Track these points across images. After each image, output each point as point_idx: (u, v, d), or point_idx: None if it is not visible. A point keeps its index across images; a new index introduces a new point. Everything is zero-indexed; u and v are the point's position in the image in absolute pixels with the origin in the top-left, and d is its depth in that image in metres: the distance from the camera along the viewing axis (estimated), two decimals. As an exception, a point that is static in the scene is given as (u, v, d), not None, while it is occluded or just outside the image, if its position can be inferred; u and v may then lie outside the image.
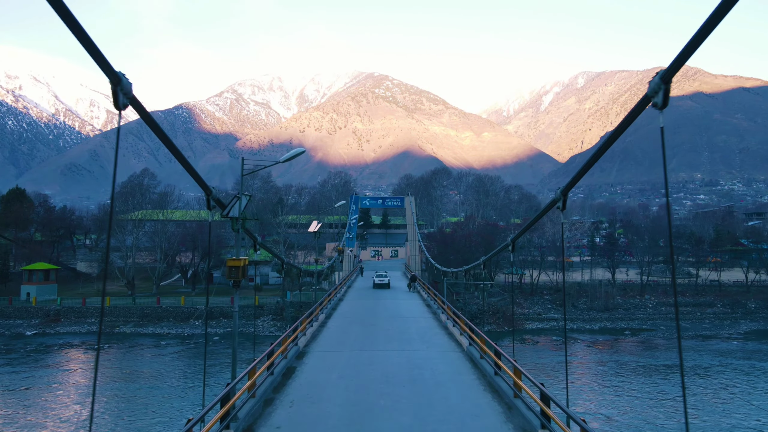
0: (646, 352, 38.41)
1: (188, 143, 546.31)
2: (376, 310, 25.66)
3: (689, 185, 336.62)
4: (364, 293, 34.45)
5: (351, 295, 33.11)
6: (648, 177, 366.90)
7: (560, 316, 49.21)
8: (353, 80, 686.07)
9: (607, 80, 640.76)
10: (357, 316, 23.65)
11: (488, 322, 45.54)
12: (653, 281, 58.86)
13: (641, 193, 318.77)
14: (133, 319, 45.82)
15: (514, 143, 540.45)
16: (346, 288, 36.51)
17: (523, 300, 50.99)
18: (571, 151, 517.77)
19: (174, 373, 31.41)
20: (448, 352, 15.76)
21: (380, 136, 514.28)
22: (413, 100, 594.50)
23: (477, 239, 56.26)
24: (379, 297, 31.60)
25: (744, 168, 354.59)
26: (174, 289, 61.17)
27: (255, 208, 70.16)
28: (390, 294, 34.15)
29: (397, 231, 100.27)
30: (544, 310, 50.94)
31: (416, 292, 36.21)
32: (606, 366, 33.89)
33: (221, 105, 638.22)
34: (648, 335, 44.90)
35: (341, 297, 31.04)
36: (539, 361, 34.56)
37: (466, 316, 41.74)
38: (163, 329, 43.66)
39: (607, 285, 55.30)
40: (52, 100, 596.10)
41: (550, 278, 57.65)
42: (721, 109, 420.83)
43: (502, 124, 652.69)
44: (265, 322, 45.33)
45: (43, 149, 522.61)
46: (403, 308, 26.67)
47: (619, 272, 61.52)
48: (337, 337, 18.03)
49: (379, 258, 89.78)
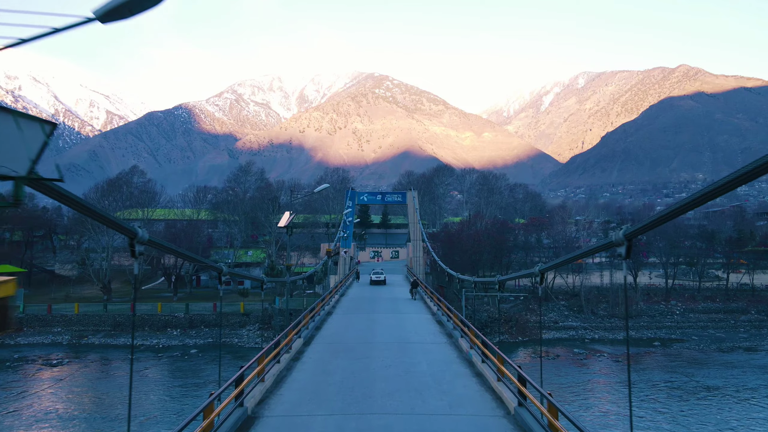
0: (683, 368, 33.63)
1: (188, 143, 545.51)
2: (372, 329, 19.95)
3: (691, 185, 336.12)
4: (358, 304, 28.95)
5: (342, 306, 27.88)
6: (649, 177, 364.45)
7: (579, 324, 44.53)
8: (353, 80, 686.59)
9: (607, 80, 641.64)
10: (347, 339, 17.97)
11: (500, 331, 40.73)
12: (678, 285, 53.81)
13: (643, 193, 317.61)
14: (105, 328, 41.10)
15: (514, 143, 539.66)
16: (338, 296, 31.37)
17: (536, 306, 46.16)
18: (571, 151, 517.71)
19: (142, 398, 26.57)
20: (485, 416, 9.77)
21: (380, 137, 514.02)
22: (413, 101, 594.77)
23: (486, 240, 51.20)
24: (377, 309, 26.26)
25: None
26: (157, 293, 56.48)
27: (248, 207, 65.58)
28: (389, 304, 28.72)
29: (397, 231, 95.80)
30: (560, 317, 46.18)
31: (420, 299, 31.00)
32: (641, 387, 29.04)
33: (221, 105, 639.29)
34: (680, 347, 40.06)
35: (330, 309, 25.85)
36: (565, 380, 29.81)
37: (475, 324, 37.02)
38: (137, 340, 38.88)
39: (629, 289, 49.99)
40: (52, 100, 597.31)
41: (565, 281, 52.59)
42: (722, 108, 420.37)
43: (503, 125, 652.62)
44: (251, 332, 40.63)
45: None
46: (408, 326, 20.97)
47: (641, 275, 56.28)
48: (313, 385, 11.97)
49: (379, 259, 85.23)
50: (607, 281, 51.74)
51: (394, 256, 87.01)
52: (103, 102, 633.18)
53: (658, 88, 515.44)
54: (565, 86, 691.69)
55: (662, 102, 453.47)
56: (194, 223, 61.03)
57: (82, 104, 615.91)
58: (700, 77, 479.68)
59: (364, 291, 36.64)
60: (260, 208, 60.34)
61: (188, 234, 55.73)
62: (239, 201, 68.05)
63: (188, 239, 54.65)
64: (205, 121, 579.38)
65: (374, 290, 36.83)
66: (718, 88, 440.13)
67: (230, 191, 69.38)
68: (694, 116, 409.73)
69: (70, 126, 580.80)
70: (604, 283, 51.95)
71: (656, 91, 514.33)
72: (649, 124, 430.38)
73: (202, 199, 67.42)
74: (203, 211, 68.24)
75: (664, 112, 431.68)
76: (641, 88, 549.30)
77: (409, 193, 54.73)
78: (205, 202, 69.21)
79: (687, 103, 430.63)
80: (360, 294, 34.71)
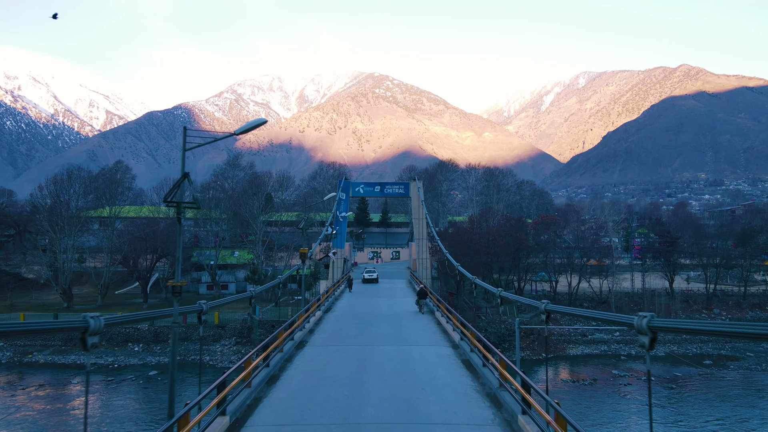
0: (751, 398, 27.13)
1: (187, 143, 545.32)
2: (361, 384, 11.87)
3: (693, 185, 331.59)
4: (346, 327, 20.37)
5: (324, 330, 19.47)
6: (651, 177, 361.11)
7: (611, 337, 38.15)
8: (353, 80, 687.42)
9: (608, 80, 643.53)
10: (323, 399, 10.73)
11: (520, 346, 34.38)
12: (719, 290, 47.09)
13: (645, 193, 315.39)
14: (55, 343, 34.75)
15: (515, 143, 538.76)
16: (320, 312, 23.48)
17: (559, 315, 39.91)
18: (572, 151, 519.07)
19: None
20: None
21: (380, 136, 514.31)
22: (413, 100, 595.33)
23: (503, 239, 44.09)
24: (372, 336, 18.02)
25: (749, 167, 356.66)
26: (129, 298, 50.19)
27: (231, 203, 59.21)
28: (390, 326, 20.43)
29: (398, 230, 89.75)
30: (588, 328, 39.77)
31: (427, 312, 24.38)
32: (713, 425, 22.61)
33: (221, 105, 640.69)
34: (739, 366, 33.56)
35: (305, 337, 18.00)
36: (607, 414, 23.35)
37: (491, 339, 30.42)
38: (90, 357, 32.41)
39: (664, 295, 43.61)
40: (51, 100, 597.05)
41: (590, 286, 45.82)
42: (724, 108, 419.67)
43: (503, 125, 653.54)
44: (226, 347, 34.21)
45: (42, 150, 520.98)
46: (420, 374, 12.86)
47: (665, 277, 49.50)
48: None
49: (378, 260, 78.85)
50: (638, 285, 45.33)
51: (394, 257, 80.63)
52: (103, 102, 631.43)
53: (659, 88, 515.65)
54: (565, 86, 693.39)
55: (664, 102, 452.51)
56: (172, 222, 54.73)
57: (81, 104, 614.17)
58: (702, 77, 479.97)
59: (356, 303, 28.82)
60: (243, 204, 53.72)
61: (166, 234, 49.39)
62: (227, 197, 61.64)
63: (164, 239, 48.30)
64: (204, 121, 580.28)
65: (370, 301, 29.38)
66: (720, 88, 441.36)
67: (217, 186, 62.74)
68: (696, 116, 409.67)
69: (69, 126, 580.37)
70: (635, 288, 45.52)
71: (657, 90, 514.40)
72: (650, 123, 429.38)
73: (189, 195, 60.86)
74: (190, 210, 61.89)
75: (665, 112, 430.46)
76: (642, 88, 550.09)
77: (412, 184, 45.81)
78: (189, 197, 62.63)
79: (689, 102, 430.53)
80: (351, 308, 26.48)
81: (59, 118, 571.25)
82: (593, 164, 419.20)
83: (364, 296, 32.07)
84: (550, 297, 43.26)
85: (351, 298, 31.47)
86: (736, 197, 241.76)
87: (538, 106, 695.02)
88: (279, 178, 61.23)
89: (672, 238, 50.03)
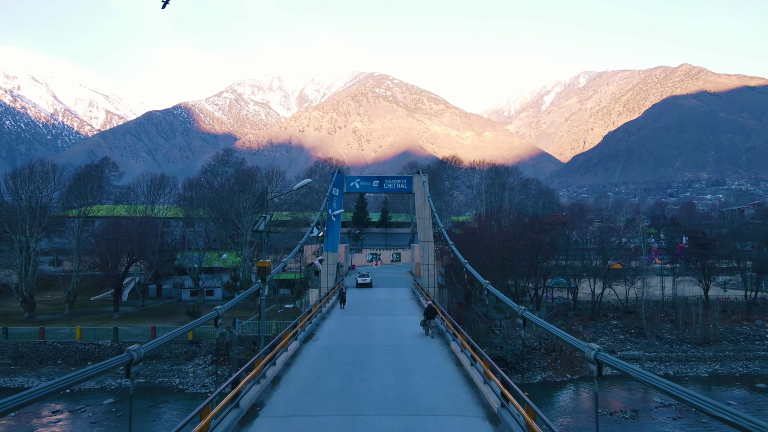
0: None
1: (187, 143, 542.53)
2: None
3: (695, 185, 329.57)
4: (331, 366, 14.87)
5: (296, 376, 13.63)
6: (653, 176, 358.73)
7: (643, 353, 33.38)
8: (353, 80, 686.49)
9: (608, 80, 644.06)
10: None
11: (541, 365, 29.72)
12: (759, 298, 41.92)
13: (647, 193, 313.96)
14: (3, 361, 29.89)
15: (515, 143, 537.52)
16: (298, 343, 17.35)
17: (581, 327, 35.25)
18: (573, 151, 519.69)
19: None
20: None
21: (380, 136, 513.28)
22: (414, 100, 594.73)
23: (519, 241, 38.49)
24: (363, 401, 11.63)
25: (751, 167, 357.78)
26: (102, 305, 45.48)
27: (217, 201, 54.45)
28: (391, 364, 15.11)
29: (399, 230, 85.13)
30: (614, 342, 35.22)
31: (437, 336, 19.18)
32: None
33: (220, 105, 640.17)
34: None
35: (277, 374, 13.29)
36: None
37: (507, 359, 25.60)
38: (32, 378, 27.45)
39: (698, 303, 38.53)
40: (51, 100, 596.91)
41: (614, 293, 40.47)
42: (726, 107, 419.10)
43: (503, 124, 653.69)
44: (200, 368, 29.43)
45: (41, 149, 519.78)
46: None
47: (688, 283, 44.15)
48: None
49: (378, 263, 74.04)
50: (669, 292, 40.28)
51: (395, 259, 75.86)
52: (103, 102, 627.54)
53: (660, 88, 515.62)
54: (566, 86, 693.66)
55: (665, 101, 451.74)
56: (151, 221, 49.85)
57: (81, 104, 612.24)
58: (703, 76, 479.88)
59: (347, 325, 22.46)
60: (227, 201, 48.90)
61: (142, 234, 44.59)
62: (215, 195, 56.88)
63: (141, 241, 43.50)
64: (204, 121, 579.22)
65: (365, 322, 23.18)
66: (721, 87, 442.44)
67: (205, 183, 57.96)
68: (697, 115, 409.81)
69: (69, 126, 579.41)
70: (666, 296, 40.56)
71: (658, 90, 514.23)
72: (651, 123, 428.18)
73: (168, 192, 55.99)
74: (171, 208, 57.17)
75: (666, 111, 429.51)
76: (643, 88, 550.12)
77: (416, 178, 39.18)
78: (173, 195, 57.98)
79: (690, 102, 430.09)
80: (339, 334, 20.08)
81: (59, 117, 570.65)
82: (594, 164, 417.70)
83: (359, 313, 26.09)
84: (570, 306, 38.60)
85: (342, 316, 25.31)
86: (740, 197, 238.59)
87: (538, 105, 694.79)
88: (269, 174, 56.43)
89: (706, 240, 45.09)
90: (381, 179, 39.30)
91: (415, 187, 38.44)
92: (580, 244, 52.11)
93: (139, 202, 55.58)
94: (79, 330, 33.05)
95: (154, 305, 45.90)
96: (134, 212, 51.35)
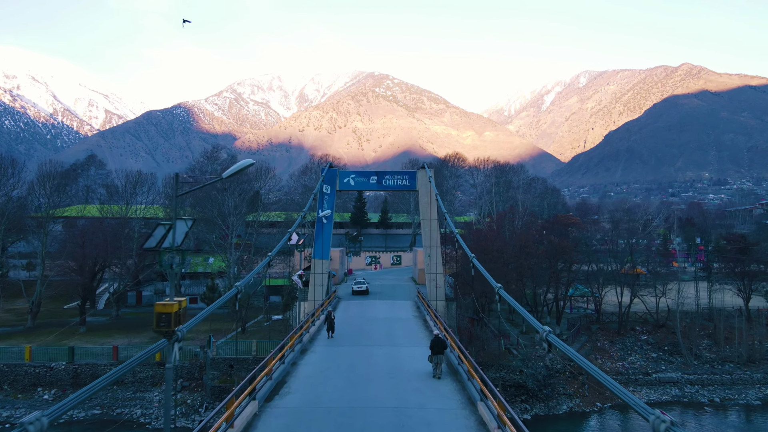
0: None
1: (186, 143, 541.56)
2: None
3: (697, 184, 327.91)
4: None
5: None
6: (654, 176, 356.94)
7: (681, 375, 29.00)
8: (353, 79, 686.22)
9: (609, 79, 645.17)
10: None
11: (566, 391, 25.41)
12: (801, 310, 37.41)
13: (649, 193, 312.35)
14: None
15: (516, 143, 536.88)
16: (256, 407, 12.16)
17: (607, 343, 31.00)
18: (573, 150, 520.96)
19: None
20: None
21: (380, 136, 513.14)
22: (414, 99, 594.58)
23: (537, 246, 33.69)
24: None
25: (753, 167, 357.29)
26: (73, 316, 40.97)
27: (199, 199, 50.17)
28: None
29: (399, 231, 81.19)
30: (646, 360, 30.80)
31: (451, 379, 14.74)
32: None
33: (220, 104, 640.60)
34: None
35: None
36: None
37: (528, 385, 21.28)
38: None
39: (739, 316, 33.86)
40: (51, 99, 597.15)
41: (643, 303, 35.64)
42: (727, 107, 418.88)
43: (504, 124, 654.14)
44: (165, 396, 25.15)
45: (41, 149, 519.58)
46: None
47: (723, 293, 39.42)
48: None
49: (377, 267, 69.55)
50: (704, 301, 35.49)
51: (395, 262, 71.45)
52: (102, 101, 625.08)
53: (661, 87, 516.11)
54: (566, 85, 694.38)
55: (666, 100, 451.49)
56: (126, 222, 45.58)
57: (80, 103, 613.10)
58: (704, 75, 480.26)
59: (333, 365, 17.06)
60: (210, 199, 44.67)
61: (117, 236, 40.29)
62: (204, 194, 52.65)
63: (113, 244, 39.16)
64: (204, 121, 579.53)
65: (357, 357, 18.12)
66: (723, 87, 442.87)
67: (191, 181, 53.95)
68: (698, 114, 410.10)
69: (68, 125, 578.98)
70: (700, 306, 35.95)
71: (659, 89, 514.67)
72: (653, 122, 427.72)
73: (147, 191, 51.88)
74: (151, 207, 53.08)
75: (668, 111, 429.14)
76: (644, 87, 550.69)
77: (420, 173, 34.06)
78: (152, 193, 53.90)
79: (691, 101, 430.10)
80: (320, 384, 14.86)
81: (58, 117, 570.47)
82: (595, 163, 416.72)
83: (351, 341, 20.75)
84: (593, 318, 34.23)
85: (328, 348, 19.61)
86: (743, 197, 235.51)
87: (538, 105, 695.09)
88: (256, 171, 52.18)
89: (746, 243, 40.69)
90: (379, 174, 34.16)
91: (419, 184, 33.39)
92: (592, 245, 47.70)
93: (114, 202, 51.48)
94: (28, 350, 28.65)
95: (130, 315, 41.73)
96: (108, 212, 47.19)
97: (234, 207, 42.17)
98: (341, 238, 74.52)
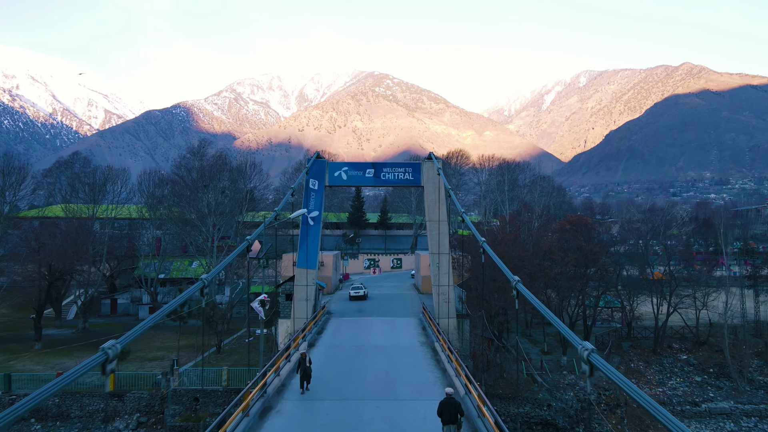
0: None
1: (186, 143, 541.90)
2: None
3: (698, 184, 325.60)
4: None
5: None
6: (655, 176, 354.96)
7: (733, 405, 24.37)
8: (353, 79, 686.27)
9: (609, 79, 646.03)
10: None
11: (603, 428, 20.90)
12: None
13: (650, 192, 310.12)
14: None
15: (516, 142, 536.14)
16: None
17: (642, 364, 26.43)
18: (574, 150, 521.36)
19: None
20: None
21: (380, 135, 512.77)
22: (414, 99, 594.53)
23: (563, 253, 28.53)
24: None
25: (755, 166, 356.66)
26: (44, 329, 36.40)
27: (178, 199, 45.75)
28: None
29: (399, 232, 76.90)
30: (689, 386, 26.02)
31: None
32: None
33: (220, 104, 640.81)
34: None
35: None
36: None
37: (558, 424, 16.83)
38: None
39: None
40: (50, 99, 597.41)
41: (681, 316, 30.26)
42: (728, 106, 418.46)
43: (504, 124, 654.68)
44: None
45: (40, 149, 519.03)
46: None
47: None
48: None
49: (376, 270, 65.14)
50: (751, 312, 30.45)
51: (395, 265, 67.11)
52: (102, 101, 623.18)
53: (662, 86, 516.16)
54: (566, 85, 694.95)
55: (667, 100, 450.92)
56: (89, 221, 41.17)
57: (80, 103, 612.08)
58: (704, 75, 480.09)
59: None
60: (186, 198, 40.25)
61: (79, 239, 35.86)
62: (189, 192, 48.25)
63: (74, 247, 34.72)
64: (203, 120, 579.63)
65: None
66: (724, 86, 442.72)
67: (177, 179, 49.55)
68: (699, 114, 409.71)
69: (68, 125, 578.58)
70: (747, 319, 30.88)
71: (660, 89, 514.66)
72: (653, 122, 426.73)
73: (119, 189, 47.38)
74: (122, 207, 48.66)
75: (668, 110, 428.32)
76: (644, 87, 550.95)
77: (426, 165, 28.51)
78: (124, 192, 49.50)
79: (692, 100, 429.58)
80: None
81: (57, 117, 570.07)
82: (596, 163, 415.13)
83: (333, 395, 14.80)
84: (623, 335, 29.51)
85: (298, 410, 13.66)
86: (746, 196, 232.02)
87: (539, 104, 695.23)
88: (239, 167, 47.38)
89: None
90: (377, 167, 28.50)
91: (424, 178, 27.92)
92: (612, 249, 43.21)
93: (80, 201, 46.99)
94: (-35, 369, 23.72)
95: (99, 327, 37.30)
96: (73, 212, 42.68)
97: (216, 205, 37.76)
98: (338, 239, 70.21)
